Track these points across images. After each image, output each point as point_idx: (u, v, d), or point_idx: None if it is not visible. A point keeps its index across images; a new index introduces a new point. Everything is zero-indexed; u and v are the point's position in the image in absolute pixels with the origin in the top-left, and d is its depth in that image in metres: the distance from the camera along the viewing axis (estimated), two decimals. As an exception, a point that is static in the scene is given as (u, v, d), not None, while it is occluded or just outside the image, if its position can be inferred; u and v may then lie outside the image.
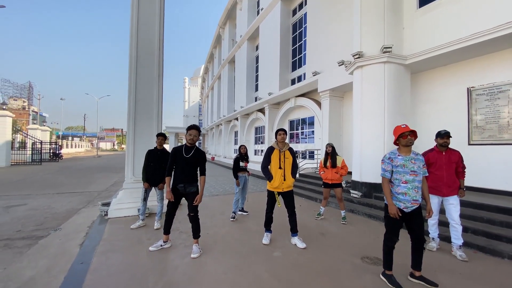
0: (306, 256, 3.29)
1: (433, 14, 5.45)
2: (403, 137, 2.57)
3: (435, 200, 3.48)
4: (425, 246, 2.89)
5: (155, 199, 4.65)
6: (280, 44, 13.60)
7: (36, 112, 42.00)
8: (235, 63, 22.07)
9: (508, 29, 4.22)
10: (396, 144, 2.68)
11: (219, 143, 27.18)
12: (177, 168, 3.27)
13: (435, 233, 3.59)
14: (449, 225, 3.44)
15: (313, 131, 11.43)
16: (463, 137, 5.45)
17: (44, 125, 25.85)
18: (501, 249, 3.35)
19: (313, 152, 10.71)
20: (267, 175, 3.70)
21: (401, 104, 5.79)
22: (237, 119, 19.88)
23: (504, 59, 4.95)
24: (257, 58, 18.38)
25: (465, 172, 3.52)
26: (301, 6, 13.07)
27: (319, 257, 3.25)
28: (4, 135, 16.39)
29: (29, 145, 19.73)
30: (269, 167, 3.74)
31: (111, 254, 3.27)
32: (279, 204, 3.69)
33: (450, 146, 3.46)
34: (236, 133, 22.06)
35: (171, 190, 3.24)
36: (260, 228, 4.15)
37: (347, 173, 5.03)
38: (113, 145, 76.00)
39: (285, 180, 3.61)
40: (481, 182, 5.19)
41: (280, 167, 3.62)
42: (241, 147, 5.29)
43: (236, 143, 21.71)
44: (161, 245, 3.40)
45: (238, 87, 20.99)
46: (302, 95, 11.69)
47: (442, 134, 3.40)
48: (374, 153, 5.57)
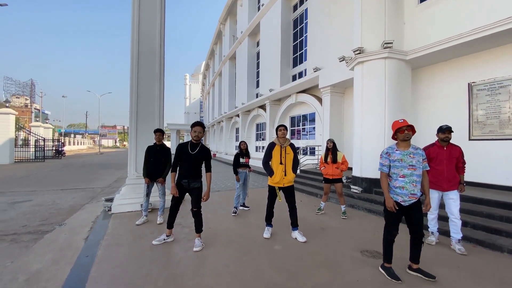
0: (306, 249, 3.35)
1: (434, 9, 5.42)
2: (400, 132, 2.59)
3: (435, 195, 3.50)
4: (424, 240, 2.94)
5: (157, 195, 4.72)
6: (281, 40, 13.54)
7: (38, 109, 42.23)
8: (236, 59, 21.99)
9: (508, 24, 4.20)
10: (394, 138, 2.70)
11: (220, 139, 27.24)
12: (182, 164, 3.32)
13: (434, 228, 3.62)
14: (448, 220, 3.47)
15: (314, 128, 11.43)
16: (464, 132, 5.45)
17: (46, 123, 25.94)
18: (500, 243, 3.37)
19: (314, 148, 10.74)
20: (268, 170, 3.75)
21: (401, 99, 5.79)
22: (238, 115, 19.89)
23: (505, 54, 4.93)
24: (258, 54, 18.31)
25: (465, 167, 3.53)
26: (302, 1, 12.98)
27: (319, 251, 3.31)
28: (7, 133, 16.51)
29: (32, 143, 19.88)
30: (270, 162, 3.78)
31: (116, 247, 3.35)
32: (280, 199, 3.74)
33: (451, 141, 3.47)
34: (237, 130, 22.10)
35: (175, 185, 3.30)
36: (261, 222, 4.21)
37: (347, 169, 5.07)
38: (115, 142, 76.29)
39: (286, 175, 3.66)
40: (481, 177, 5.21)
41: (281, 163, 3.66)
42: (241, 143, 5.31)
43: (237, 139, 21.76)
44: (164, 239, 3.47)
45: (239, 83, 20.95)
46: (303, 91, 11.67)
47: (443, 129, 3.40)
48: (374, 149, 5.58)
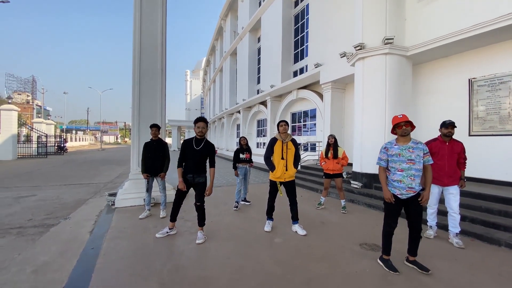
0: (306, 242, 3.41)
1: (435, 4, 5.39)
2: (398, 127, 2.62)
3: (436, 190, 3.52)
4: (423, 234, 2.99)
5: (158, 190, 4.77)
6: (282, 35, 13.47)
7: (40, 106, 42.31)
8: (237, 55, 21.91)
9: (509, 20, 4.19)
10: (393, 133, 2.74)
11: (221, 136, 27.27)
12: (187, 159, 3.38)
13: (433, 222, 3.66)
14: (447, 214, 3.50)
15: (315, 124, 11.45)
16: (464, 128, 5.46)
17: (48, 119, 26.07)
18: (498, 237, 3.41)
19: (315, 144, 10.77)
20: (269, 165, 3.80)
21: (402, 95, 5.80)
22: (239, 112, 19.89)
23: (505, 50, 4.91)
24: (259, 50, 18.23)
25: (466, 163, 3.54)
26: (303, -4, 12.90)
27: (318, 244, 3.37)
28: (10, 129, 16.63)
29: (35, 139, 20.01)
30: (272, 157, 3.83)
31: (120, 240, 3.43)
32: (281, 193, 3.79)
33: (453, 137, 3.47)
34: (238, 126, 22.12)
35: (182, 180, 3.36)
36: (262, 217, 4.28)
37: (348, 164, 5.12)
38: (116, 139, 76.50)
39: (287, 170, 3.70)
40: (481, 172, 5.24)
41: (282, 158, 3.70)
42: (241, 138, 5.34)
43: (238, 136, 21.79)
44: (167, 232, 3.55)
45: (240, 79, 20.92)
46: (304, 87, 11.66)
47: (446, 124, 3.40)
48: (374, 144, 5.61)
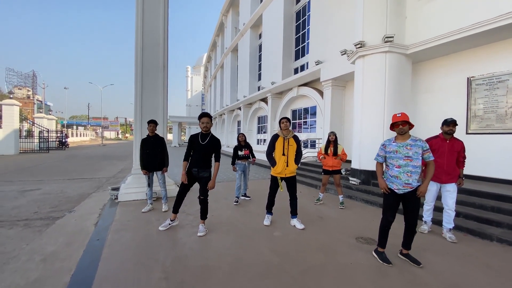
0: (304, 236, 3.53)
1: (435, 3, 5.43)
2: (396, 126, 2.72)
3: (434, 187, 3.58)
4: (417, 228, 3.10)
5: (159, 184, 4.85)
6: (283, 32, 13.49)
7: (40, 101, 42.39)
8: (238, 51, 21.90)
9: (508, 19, 4.24)
10: (392, 130, 2.83)
11: (222, 132, 27.37)
12: (193, 153, 3.49)
13: (428, 218, 3.76)
14: (443, 210, 3.58)
15: (315, 121, 11.53)
16: (461, 126, 5.53)
17: (50, 114, 26.18)
18: (490, 232, 3.51)
19: (315, 141, 10.86)
20: (271, 161, 3.89)
21: (401, 93, 5.86)
22: (240, 108, 19.96)
23: (504, 49, 4.97)
24: (260, 46, 18.22)
25: (465, 162, 3.58)
26: (305, -7, 12.87)
27: (316, 237, 3.49)
28: (12, 124, 16.74)
29: (36, 134, 20.13)
30: (273, 153, 3.92)
31: (124, 232, 3.55)
32: (281, 188, 3.89)
33: (454, 135, 3.50)
34: (239, 123, 22.20)
35: (185, 173, 3.47)
36: (261, 211, 4.39)
37: (346, 161, 5.22)
38: (117, 134, 76.64)
39: (287, 166, 3.79)
40: (477, 170, 5.32)
41: (283, 154, 3.79)
42: (239, 135, 5.38)
43: (238, 132, 21.85)
44: (169, 223, 3.66)
45: (241, 76, 20.94)
46: (304, 85, 11.71)
47: (448, 121, 3.43)
48: (373, 142, 5.70)
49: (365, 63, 6.04)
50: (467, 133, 5.48)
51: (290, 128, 3.88)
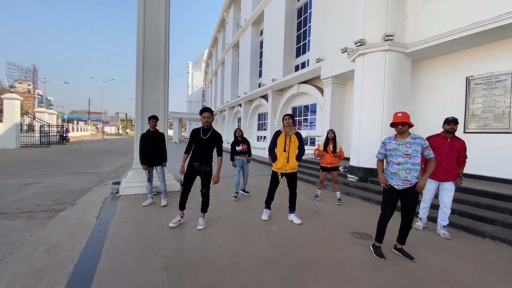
0: (301, 230, 3.61)
1: (436, 2, 5.44)
2: (395, 126, 2.78)
3: (432, 185, 3.63)
4: (412, 225, 3.17)
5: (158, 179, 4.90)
6: (284, 29, 13.45)
7: (41, 95, 42.34)
8: (239, 48, 21.84)
9: (508, 19, 4.26)
10: (393, 127, 2.88)
11: (222, 129, 27.41)
12: (195, 148, 3.54)
13: (424, 215, 3.82)
14: (438, 208, 3.63)
15: (315, 118, 11.57)
16: (459, 125, 5.49)
17: (51, 108, 26.20)
18: (483, 229, 3.59)
19: (314, 138, 10.92)
20: (272, 156, 3.96)
21: (400, 92, 5.90)
22: (240, 105, 19.98)
23: (503, 48, 5.00)
24: (261, 43, 18.17)
25: (465, 162, 3.58)
26: (307, -10, 12.81)
27: (312, 232, 3.57)
28: (13, 118, 16.78)
29: (37, 128, 20.19)
30: (275, 149, 3.98)
31: (125, 225, 3.63)
32: (281, 184, 3.96)
33: (456, 134, 3.53)
34: (239, 119, 22.23)
35: (187, 167, 3.53)
36: (260, 206, 4.47)
37: (344, 159, 5.27)
38: (118, 129, 76.63)
39: (288, 162, 3.85)
40: (474, 169, 5.36)
41: (284, 150, 3.84)
42: (236, 131, 5.37)
43: (238, 129, 21.88)
44: (179, 220, 3.67)
45: (241, 72, 20.92)
46: (305, 82, 11.72)
47: (449, 120, 3.46)
48: (371, 139, 5.76)
49: (365, 61, 6.07)
50: (464, 132, 5.53)
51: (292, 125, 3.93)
